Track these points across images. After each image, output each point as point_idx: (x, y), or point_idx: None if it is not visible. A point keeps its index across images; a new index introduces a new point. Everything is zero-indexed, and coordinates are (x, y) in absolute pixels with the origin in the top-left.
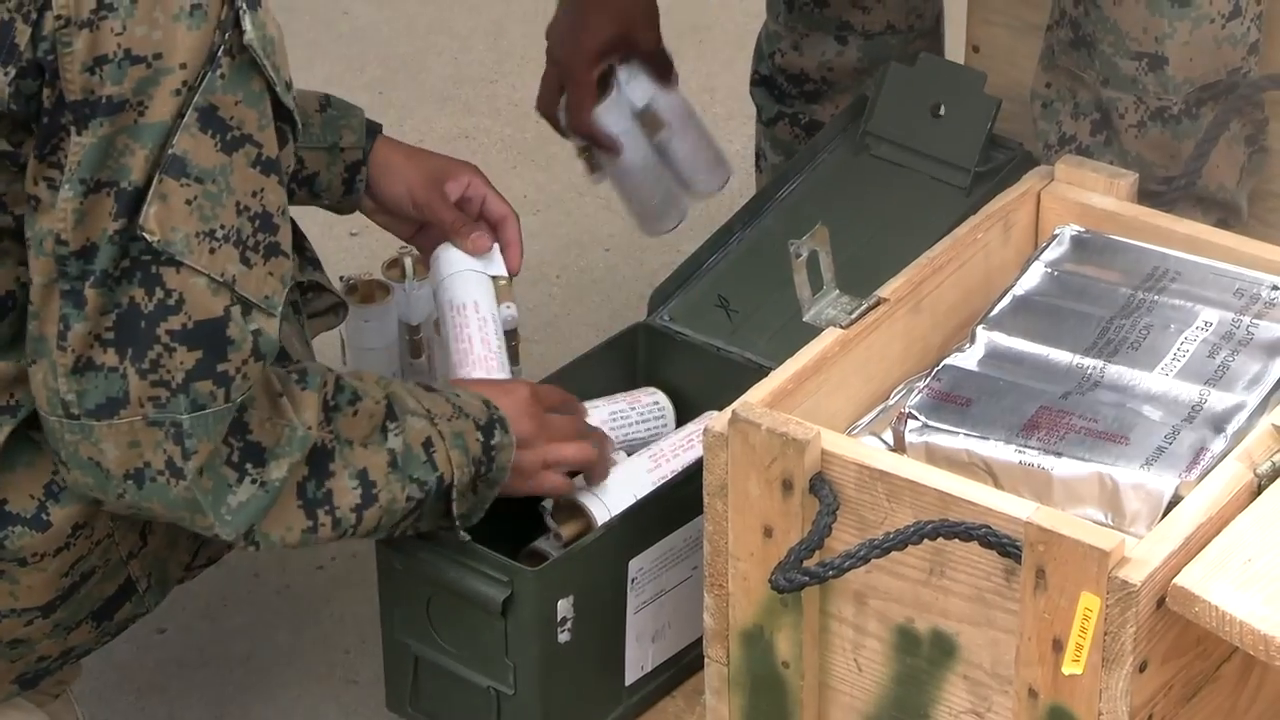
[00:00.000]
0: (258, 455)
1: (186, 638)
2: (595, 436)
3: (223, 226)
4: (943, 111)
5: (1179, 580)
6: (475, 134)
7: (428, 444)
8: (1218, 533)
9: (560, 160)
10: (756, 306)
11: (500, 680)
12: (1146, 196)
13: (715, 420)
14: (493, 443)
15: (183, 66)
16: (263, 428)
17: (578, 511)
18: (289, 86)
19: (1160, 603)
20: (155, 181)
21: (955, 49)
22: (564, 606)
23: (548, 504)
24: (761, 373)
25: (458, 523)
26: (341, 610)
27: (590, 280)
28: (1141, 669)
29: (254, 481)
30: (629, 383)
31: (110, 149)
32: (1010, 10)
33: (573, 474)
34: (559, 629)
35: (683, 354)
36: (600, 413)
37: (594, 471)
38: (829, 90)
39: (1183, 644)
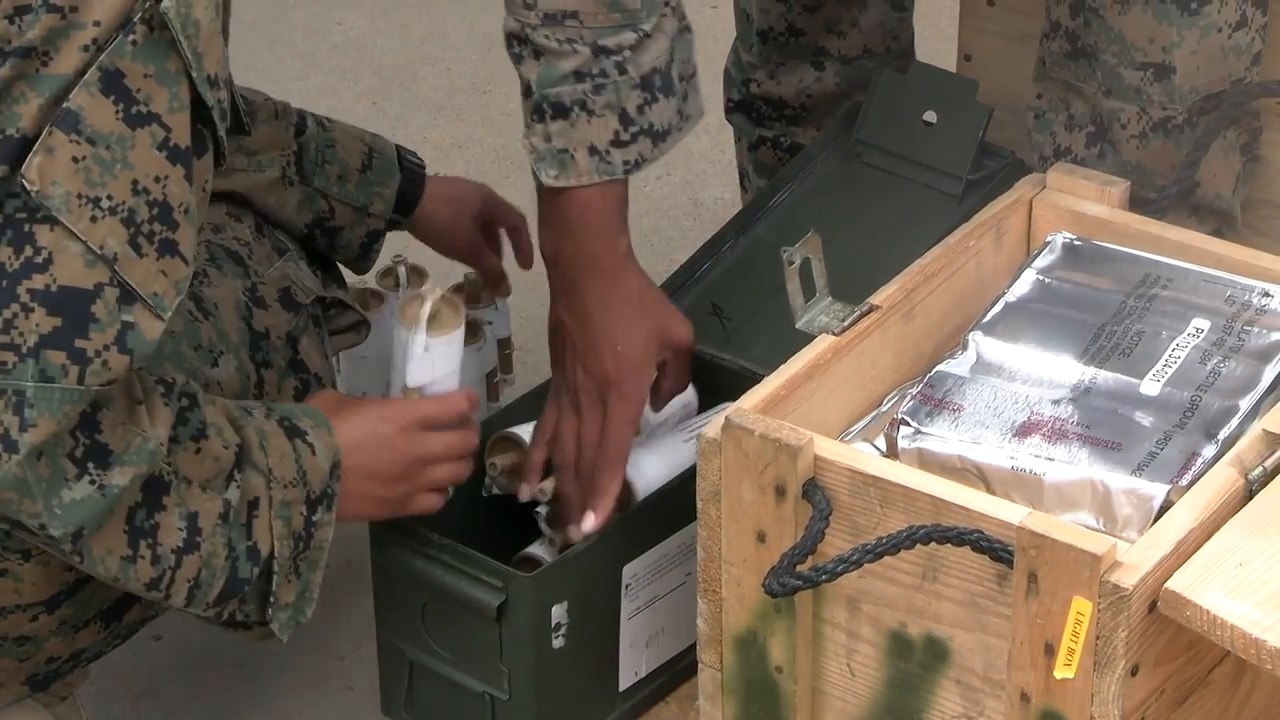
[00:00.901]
0: (103, 457)
1: (182, 644)
2: (469, 438)
3: (110, 198)
4: (934, 120)
5: (1170, 584)
6: (468, 144)
7: (253, 505)
8: (1209, 537)
9: None
10: (749, 314)
11: (495, 685)
12: (1142, 205)
13: (709, 426)
14: (314, 519)
15: (96, 24)
16: (114, 430)
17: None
18: (213, 83)
19: (1152, 607)
20: (44, 134)
21: (947, 58)
22: (558, 612)
23: (542, 510)
24: (755, 380)
25: (271, 614)
26: (336, 617)
27: None
28: (1133, 673)
29: (92, 482)
30: None
31: (6, 93)
32: (1002, 19)
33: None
34: (553, 634)
35: None
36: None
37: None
38: (808, 116)
39: (1174, 648)
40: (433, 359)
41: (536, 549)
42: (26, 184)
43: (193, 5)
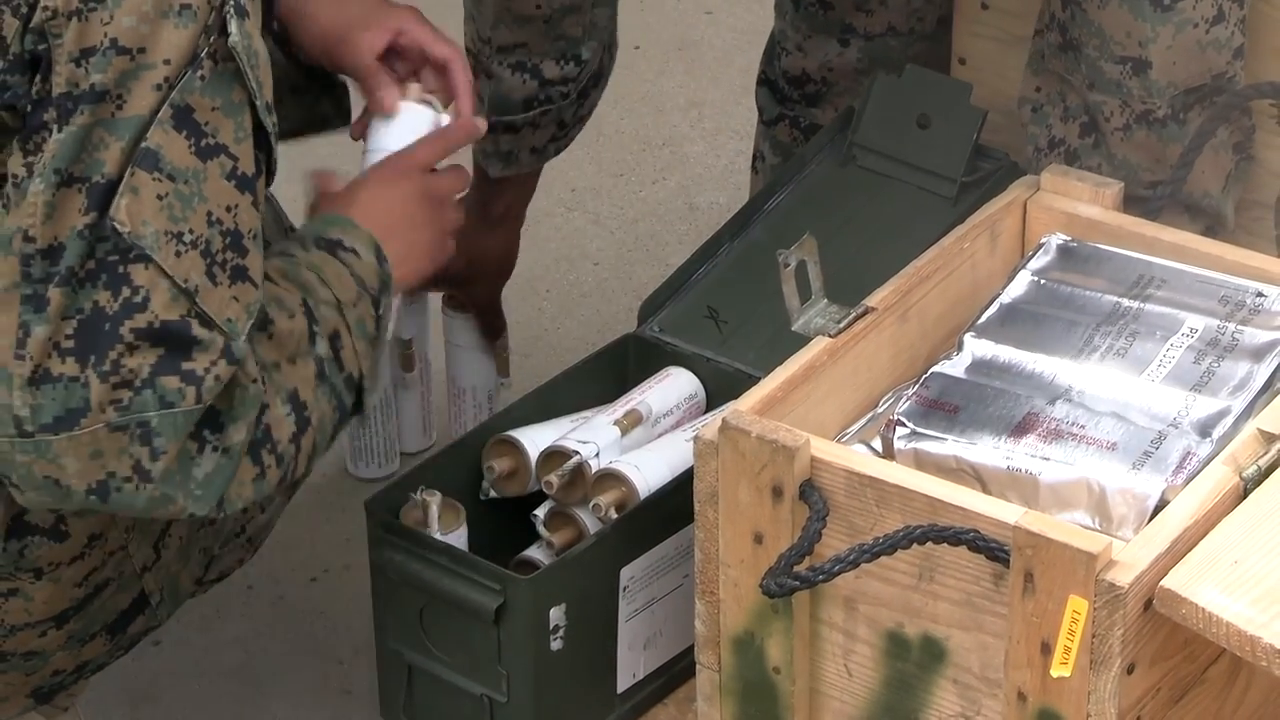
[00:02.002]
0: (215, 421)
1: (181, 649)
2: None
3: (191, 231)
4: (929, 123)
5: (1166, 582)
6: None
7: (334, 338)
8: (1204, 536)
9: (548, 175)
10: (745, 317)
11: (493, 688)
12: (1133, 202)
13: (706, 428)
14: (380, 312)
15: (166, 63)
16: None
17: (570, 520)
18: (270, 110)
19: (1148, 605)
20: (128, 174)
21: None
22: (556, 614)
23: (540, 513)
24: (751, 382)
25: (365, 402)
26: (335, 621)
27: (580, 294)
28: (1129, 671)
29: (215, 449)
30: (619, 394)
31: (86, 141)
32: (997, 23)
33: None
34: (551, 637)
35: (673, 364)
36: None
37: None
38: (828, 91)
39: (1170, 646)
40: (401, 122)
41: (534, 552)
42: (118, 225)
43: (252, 36)
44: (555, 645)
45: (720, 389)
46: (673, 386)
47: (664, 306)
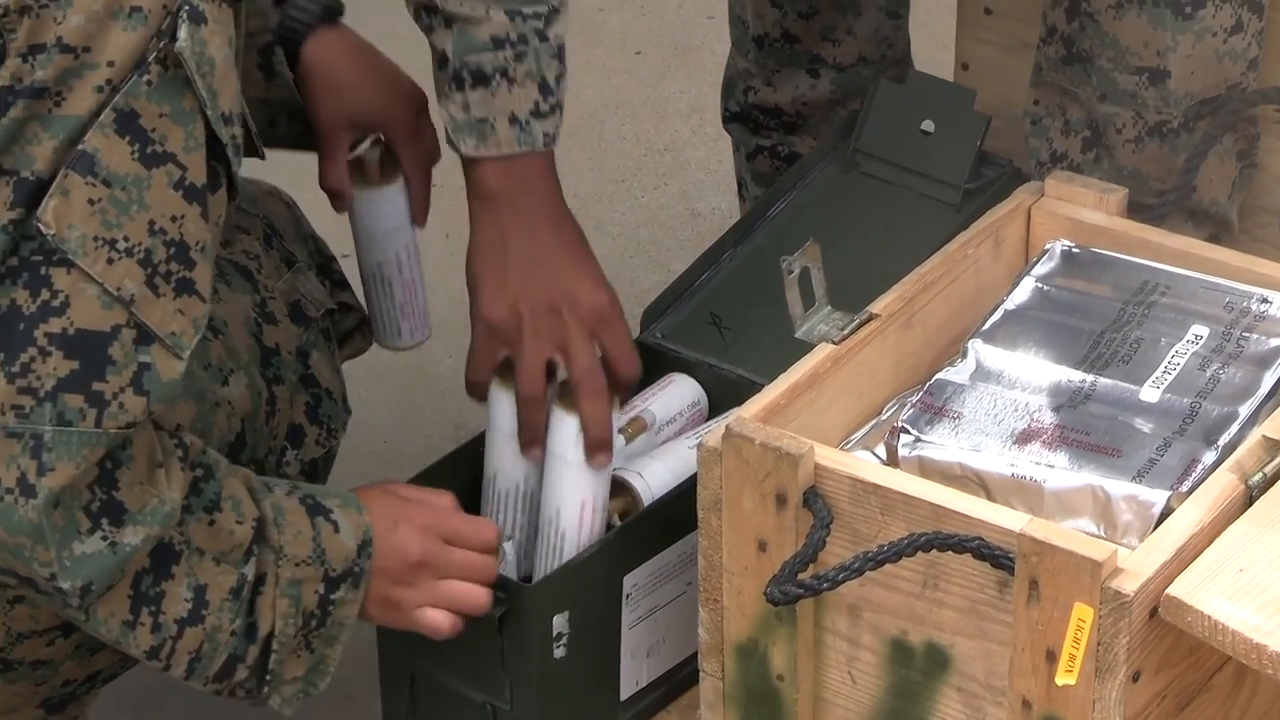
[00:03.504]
0: (117, 514)
1: None
2: (488, 566)
3: (127, 239)
4: (932, 129)
5: (1171, 590)
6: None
7: (258, 582)
8: (1210, 543)
9: None
10: (749, 324)
11: (496, 696)
12: (1139, 210)
13: (709, 435)
14: (333, 597)
15: (110, 64)
16: (131, 489)
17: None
18: (228, 120)
19: (1153, 613)
20: (60, 176)
21: (945, 66)
22: (559, 622)
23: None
24: (754, 389)
25: (269, 690)
26: None
27: None
28: (1135, 679)
29: (104, 538)
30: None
31: (18, 134)
32: (1000, 28)
33: None
34: (555, 644)
35: (675, 371)
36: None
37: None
38: (804, 123)
39: (1176, 654)
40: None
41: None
42: (43, 227)
43: (207, 43)
44: (558, 653)
45: (723, 396)
46: (676, 394)
47: (666, 313)
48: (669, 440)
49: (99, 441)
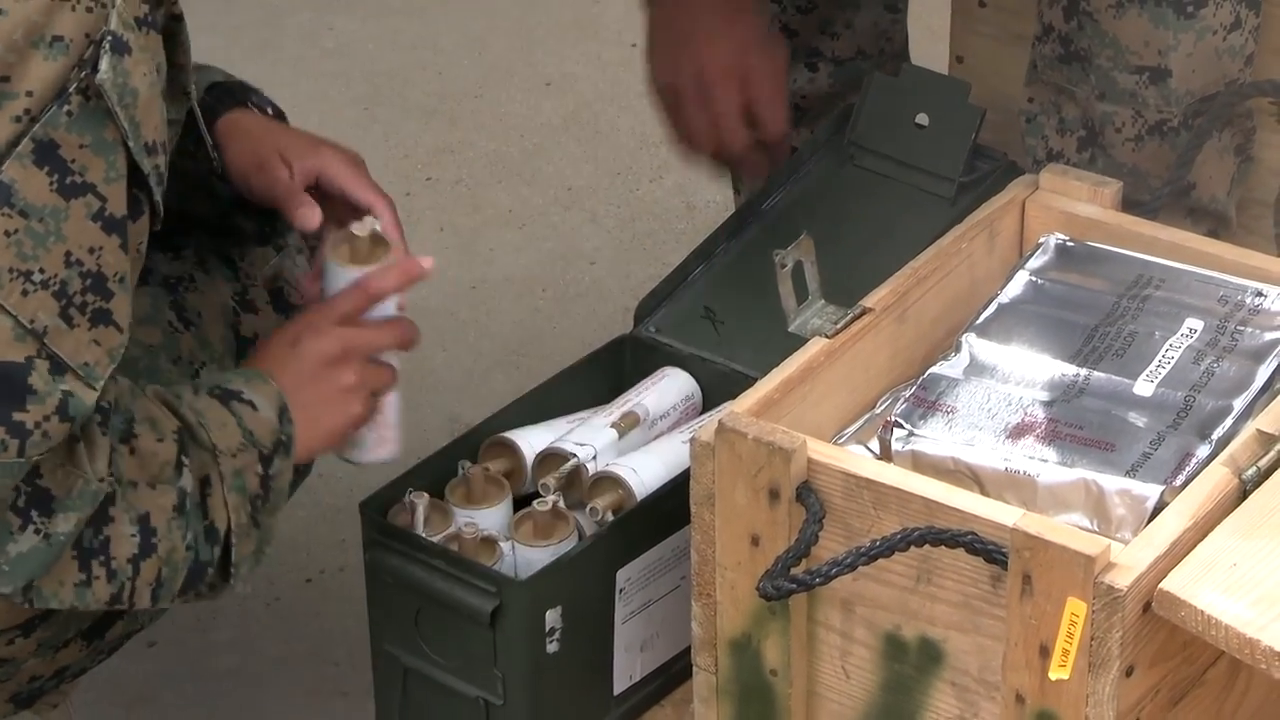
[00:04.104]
0: (45, 504)
1: (176, 651)
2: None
3: (43, 271)
4: (927, 122)
5: (1165, 585)
6: (460, 148)
7: (204, 483)
8: (1203, 538)
9: (545, 174)
10: (742, 317)
11: (489, 691)
12: (1137, 208)
13: (702, 430)
14: (270, 472)
15: (29, 94)
16: (54, 474)
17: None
18: (150, 150)
19: (1146, 607)
20: None
21: (939, 60)
22: (552, 617)
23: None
24: (748, 383)
25: (234, 579)
26: (330, 623)
27: (576, 293)
28: (1128, 674)
29: (38, 532)
30: (615, 395)
31: None
32: (995, 21)
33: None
34: (548, 639)
35: (669, 365)
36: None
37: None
38: (803, 117)
39: (1169, 648)
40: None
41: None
42: None
43: (130, 74)
44: (551, 648)
45: (717, 390)
46: (669, 388)
47: (660, 307)
48: (662, 434)
49: (21, 470)
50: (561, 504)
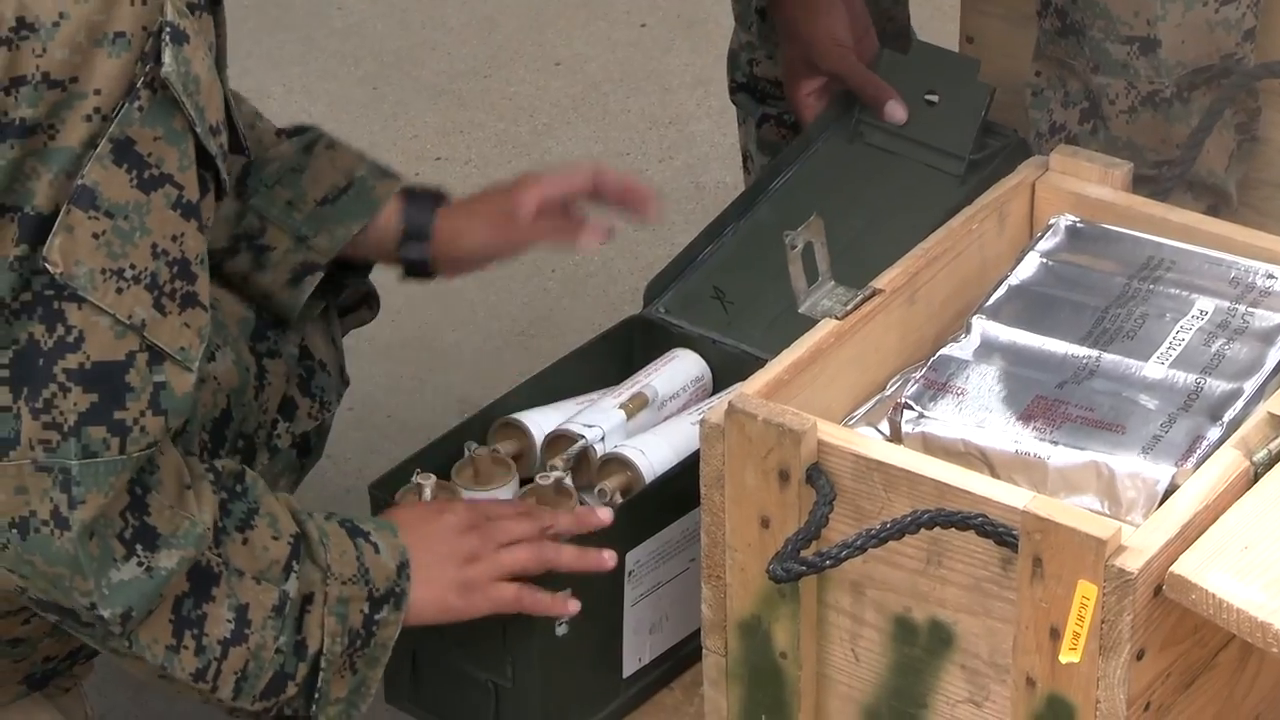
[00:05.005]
0: (151, 539)
1: None
2: (542, 526)
3: (133, 266)
4: (937, 99)
5: (1176, 568)
6: (469, 129)
7: (307, 599)
8: (1214, 520)
9: (554, 155)
10: (752, 297)
11: (499, 674)
12: (1139, 182)
13: (712, 411)
14: (377, 617)
15: (97, 93)
16: (162, 514)
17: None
18: (215, 131)
19: (1157, 590)
20: (63, 213)
21: (950, 39)
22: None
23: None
24: (758, 364)
25: (316, 710)
26: None
27: (585, 274)
28: (1139, 657)
29: (140, 564)
30: (624, 376)
31: (17, 172)
32: (1004, 1)
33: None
34: (558, 622)
35: (679, 346)
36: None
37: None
38: None
39: (1180, 631)
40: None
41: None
42: (50, 266)
43: (190, 61)
44: (561, 630)
45: (727, 371)
46: (679, 369)
47: (669, 287)
48: (672, 416)
49: (125, 468)
50: (568, 481)
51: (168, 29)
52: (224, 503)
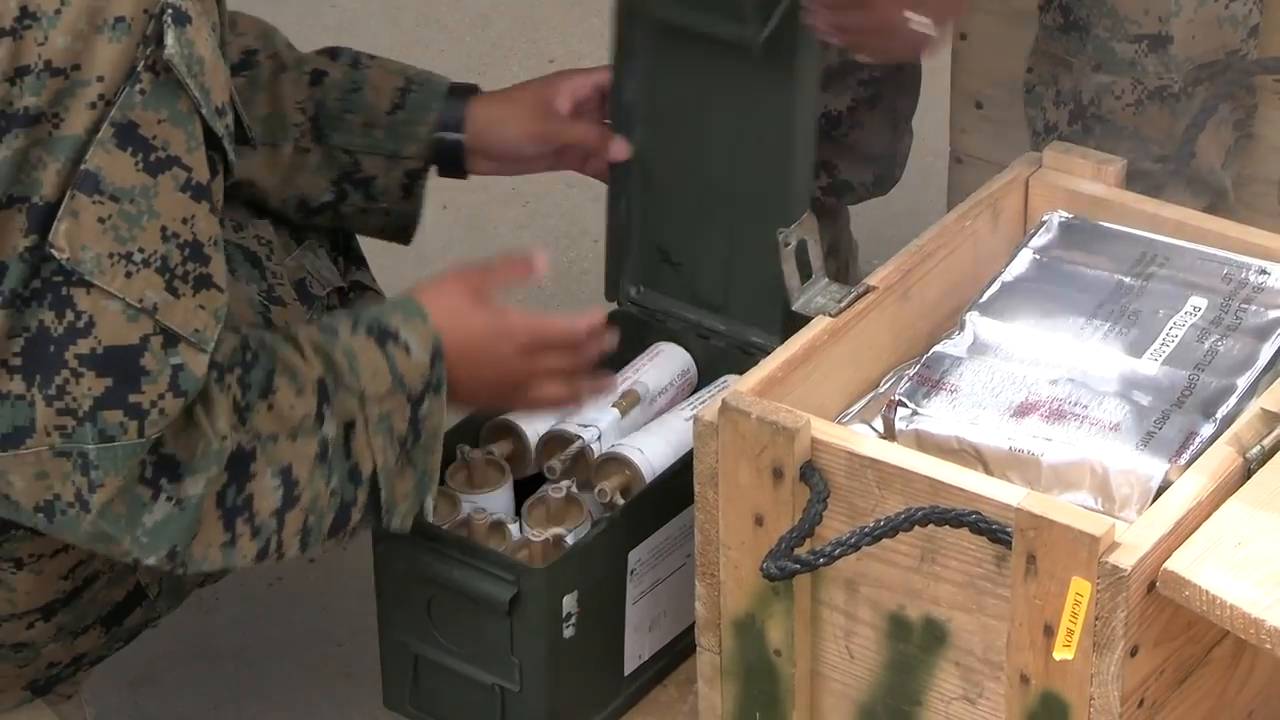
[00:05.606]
0: (173, 470)
1: (179, 631)
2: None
3: (142, 250)
4: None
5: (1169, 565)
6: None
7: (348, 426)
8: (1208, 517)
9: None
10: (694, 253)
11: (505, 678)
12: (1138, 177)
13: (705, 409)
14: (420, 413)
15: (100, 79)
16: (177, 440)
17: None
18: (221, 112)
19: (1151, 587)
20: (67, 198)
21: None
22: (569, 602)
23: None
24: (742, 353)
25: (387, 518)
26: (334, 603)
27: (579, 271)
28: (1133, 653)
29: (169, 499)
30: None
31: (24, 162)
32: None
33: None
34: (564, 625)
35: (660, 339)
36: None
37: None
38: None
39: (1174, 628)
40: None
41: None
42: (56, 252)
43: (193, 42)
44: (568, 633)
45: (711, 363)
46: (665, 363)
47: (623, 269)
48: (662, 410)
49: (143, 449)
50: (575, 490)
51: (170, 10)
52: (241, 378)
